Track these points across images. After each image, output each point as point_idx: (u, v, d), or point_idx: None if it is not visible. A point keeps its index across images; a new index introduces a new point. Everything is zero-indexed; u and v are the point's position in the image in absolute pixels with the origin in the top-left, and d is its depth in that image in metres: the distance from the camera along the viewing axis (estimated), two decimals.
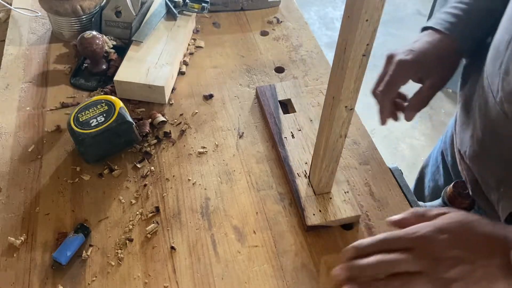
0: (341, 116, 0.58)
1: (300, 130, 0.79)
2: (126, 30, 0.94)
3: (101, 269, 0.64)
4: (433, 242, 0.52)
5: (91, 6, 0.94)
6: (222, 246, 0.66)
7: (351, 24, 0.49)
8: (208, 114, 0.84)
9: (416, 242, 0.53)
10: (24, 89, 0.87)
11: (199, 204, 0.71)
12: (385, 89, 0.73)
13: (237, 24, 1.04)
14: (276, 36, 1.01)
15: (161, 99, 0.85)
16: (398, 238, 0.54)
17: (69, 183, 0.73)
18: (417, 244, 0.53)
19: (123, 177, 0.74)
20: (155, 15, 0.96)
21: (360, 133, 0.82)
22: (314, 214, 0.68)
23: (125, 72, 0.85)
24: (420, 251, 0.52)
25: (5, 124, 0.81)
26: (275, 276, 0.64)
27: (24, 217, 0.69)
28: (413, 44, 0.73)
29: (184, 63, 0.93)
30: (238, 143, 0.80)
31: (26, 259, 0.64)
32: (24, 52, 0.95)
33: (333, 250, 0.66)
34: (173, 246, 0.66)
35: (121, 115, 0.74)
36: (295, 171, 0.73)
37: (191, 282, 0.63)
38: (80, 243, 0.65)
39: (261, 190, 0.73)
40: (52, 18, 0.96)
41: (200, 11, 0.97)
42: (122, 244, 0.66)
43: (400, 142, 2.10)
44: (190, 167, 0.76)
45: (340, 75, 0.54)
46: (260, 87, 0.87)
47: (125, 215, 0.69)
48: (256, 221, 0.69)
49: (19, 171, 0.74)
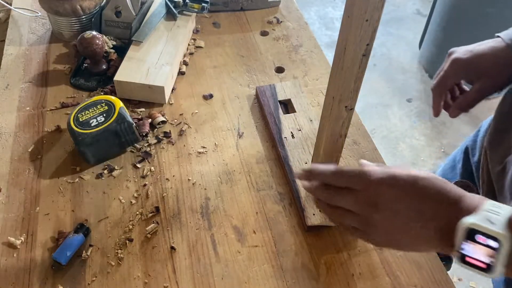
0: (341, 116, 0.58)
1: (300, 130, 0.79)
2: (126, 30, 0.94)
3: (101, 269, 0.64)
4: (381, 189, 0.52)
5: (91, 6, 0.94)
6: (222, 246, 0.67)
7: (351, 24, 0.49)
8: (208, 114, 0.84)
9: (366, 186, 0.53)
10: (24, 89, 0.87)
11: (199, 204, 0.71)
12: (436, 83, 0.76)
13: (237, 24, 1.04)
14: (276, 36, 1.01)
15: (161, 99, 0.85)
16: (349, 175, 0.55)
17: (69, 183, 0.73)
18: (365, 187, 0.53)
19: (123, 177, 0.74)
20: (155, 15, 0.96)
21: (360, 133, 0.82)
22: (314, 214, 0.68)
23: (125, 72, 0.85)
24: (363, 196, 0.53)
25: (5, 124, 0.81)
26: (275, 276, 0.64)
27: (24, 217, 0.69)
28: (475, 46, 0.73)
29: (184, 63, 0.93)
30: (238, 143, 0.80)
31: (26, 259, 0.64)
32: (24, 52, 0.95)
33: (333, 250, 0.66)
34: (173, 246, 0.66)
35: (121, 115, 0.74)
36: (295, 171, 0.73)
37: (191, 282, 0.63)
38: (80, 243, 0.65)
39: (261, 190, 0.73)
40: (52, 18, 0.96)
41: (200, 11, 0.97)
42: (122, 244, 0.66)
43: (400, 142, 2.10)
44: (190, 167, 0.76)
45: (340, 75, 0.54)
46: (260, 87, 0.87)
47: (125, 215, 0.70)
48: (256, 221, 0.69)
49: (19, 171, 0.74)
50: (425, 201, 0.50)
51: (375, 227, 0.52)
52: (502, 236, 0.43)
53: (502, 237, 0.43)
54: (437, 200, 0.50)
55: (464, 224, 0.45)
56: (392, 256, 0.66)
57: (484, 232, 0.44)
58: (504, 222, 0.44)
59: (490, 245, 0.44)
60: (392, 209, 0.51)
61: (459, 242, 0.46)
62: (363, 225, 0.54)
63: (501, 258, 0.44)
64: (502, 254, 0.44)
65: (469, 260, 0.46)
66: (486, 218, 0.45)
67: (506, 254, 0.44)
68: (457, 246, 0.46)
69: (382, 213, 0.51)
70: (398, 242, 0.53)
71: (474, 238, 0.45)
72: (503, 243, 0.43)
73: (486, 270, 0.45)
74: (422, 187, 0.51)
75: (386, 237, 0.53)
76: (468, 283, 1.62)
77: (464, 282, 1.65)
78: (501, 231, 0.43)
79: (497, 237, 0.44)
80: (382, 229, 0.52)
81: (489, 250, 0.44)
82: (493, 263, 0.44)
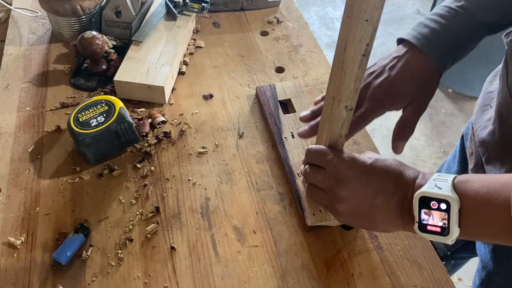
0: (341, 116, 0.58)
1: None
2: (126, 30, 0.94)
3: (101, 269, 0.64)
4: (343, 168, 0.58)
5: (91, 6, 0.94)
6: (222, 246, 0.67)
7: (351, 24, 0.49)
8: (208, 114, 0.84)
9: (328, 164, 0.60)
10: (24, 89, 0.87)
11: (199, 204, 0.71)
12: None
13: (237, 24, 1.04)
14: (276, 36, 1.01)
15: (161, 99, 0.85)
16: (317, 154, 0.62)
17: (69, 183, 0.73)
18: (328, 166, 0.60)
19: (123, 177, 0.74)
20: (155, 15, 0.96)
21: (360, 133, 0.82)
22: (314, 214, 0.68)
23: (125, 72, 0.85)
24: (327, 173, 0.60)
25: (5, 124, 0.81)
26: (275, 276, 0.64)
27: (24, 217, 0.69)
28: (388, 71, 0.67)
29: (184, 63, 0.93)
30: (238, 143, 0.80)
31: (26, 259, 0.64)
32: (24, 52, 0.95)
33: (333, 250, 0.66)
34: (173, 246, 0.66)
35: (121, 115, 0.74)
36: (295, 171, 0.73)
37: (191, 282, 0.63)
38: (80, 243, 0.65)
39: (261, 190, 0.73)
40: (52, 18, 0.95)
41: (200, 11, 0.97)
42: (122, 244, 0.66)
43: None
44: (190, 167, 0.76)
45: (340, 75, 0.54)
46: (260, 87, 0.87)
47: (125, 215, 0.69)
48: (256, 221, 0.69)
49: (19, 171, 0.74)
50: (383, 179, 0.56)
51: (340, 203, 0.58)
52: (449, 198, 0.49)
53: (449, 198, 0.49)
54: (394, 177, 0.56)
55: (417, 194, 0.51)
56: (392, 256, 0.66)
57: (434, 197, 0.50)
58: (450, 186, 0.50)
59: (442, 208, 0.50)
60: (352, 187, 0.57)
61: (417, 211, 0.52)
62: (330, 201, 0.60)
63: (453, 218, 0.49)
64: (452, 214, 0.49)
65: (429, 228, 0.51)
66: (435, 185, 0.51)
67: (456, 213, 0.49)
68: (416, 217, 0.52)
69: (345, 190, 0.57)
70: (363, 219, 0.59)
71: (429, 205, 0.51)
72: (451, 203, 0.49)
73: (443, 233, 0.50)
74: (380, 166, 0.57)
75: (352, 214, 0.58)
76: (468, 283, 1.62)
77: (464, 282, 1.65)
78: (448, 193, 0.49)
79: (446, 199, 0.49)
80: (346, 206, 0.58)
81: (442, 213, 0.50)
82: (446, 225, 0.50)
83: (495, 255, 0.74)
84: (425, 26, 0.68)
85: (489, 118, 0.70)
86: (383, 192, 0.56)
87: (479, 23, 0.67)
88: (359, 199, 0.57)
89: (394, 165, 0.57)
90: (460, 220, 0.49)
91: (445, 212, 0.50)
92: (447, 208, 0.50)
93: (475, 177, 0.51)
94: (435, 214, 0.50)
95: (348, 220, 0.61)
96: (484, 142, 0.69)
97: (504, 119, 0.64)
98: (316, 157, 0.62)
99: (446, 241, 0.51)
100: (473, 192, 0.49)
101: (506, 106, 0.63)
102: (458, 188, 0.50)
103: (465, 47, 0.69)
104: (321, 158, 0.61)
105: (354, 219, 0.60)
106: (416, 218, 0.52)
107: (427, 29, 0.67)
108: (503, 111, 0.64)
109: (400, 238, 0.68)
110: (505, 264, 0.73)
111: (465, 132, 0.90)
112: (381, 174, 0.57)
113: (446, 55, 0.67)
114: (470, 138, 0.78)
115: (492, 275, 0.76)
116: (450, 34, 0.67)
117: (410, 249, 0.67)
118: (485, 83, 0.78)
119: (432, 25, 0.67)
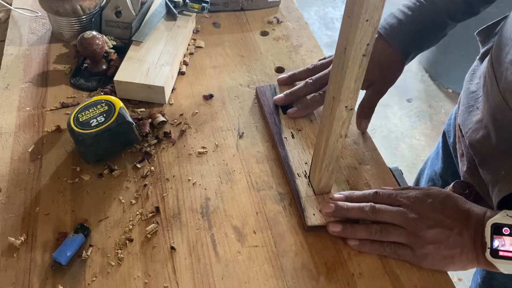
0: (341, 116, 0.58)
1: (300, 130, 0.79)
2: (126, 30, 0.94)
3: (101, 269, 0.64)
4: (420, 203, 0.61)
5: (91, 6, 0.94)
6: (222, 246, 0.66)
7: (351, 24, 0.49)
8: (208, 114, 0.84)
9: (405, 201, 0.62)
10: (24, 89, 0.87)
11: (199, 204, 0.71)
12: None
13: (237, 24, 1.04)
14: (276, 36, 1.01)
15: (161, 99, 0.85)
16: (389, 194, 0.63)
17: (69, 183, 0.73)
18: (405, 202, 0.62)
19: (123, 177, 0.74)
20: (155, 15, 0.96)
21: (360, 133, 0.82)
22: (314, 214, 0.68)
23: (125, 72, 0.85)
24: (406, 207, 0.61)
25: (5, 124, 0.81)
26: (275, 276, 0.64)
27: (24, 217, 0.69)
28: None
29: (184, 63, 0.93)
30: (238, 143, 0.80)
31: (26, 259, 0.64)
32: (24, 52, 0.95)
33: (333, 250, 0.66)
34: (173, 246, 0.66)
35: (121, 115, 0.74)
36: (295, 171, 0.73)
37: (191, 282, 0.63)
38: (80, 243, 0.65)
39: (261, 190, 0.73)
40: (52, 18, 0.95)
41: (200, 11, 0.97)
42: (122, 244, 0.66)
43: (400, 142, 2.10)
44: (190, 167, 0.76)
45: (340, 75, 0.54)
46: (260, 87, 0.87)
47: (125, 215, 0.70)
48: (256, 221, 0.69)
49: (19, 171, 0.74)
50: (458, 211, 0.60)
51: (421, 238, 0.59)
52: None
53: None
54: (466, 211, 0.60)
55: (490, 222, 0.55)
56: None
57: (507, 223, 0.54)
58: None
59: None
60: (433, 218, 0.59)
61: (489, 238, 0.55)
62: (410, 236, 0.60)
63: None
64: None
65: (501, 254, 0.54)
66: (506, 214, 0.55)
67: None
68: (488, 243, 0.55)
69: (426, 222, 0.59)
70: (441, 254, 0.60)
71: (501, 232, 0.54)
72: None
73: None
74: (453, 199, 0.61)
75: (433, 248, 0.60)
76: (469, 283, 1.62)
77: (464, 282, 1.65)
78: None
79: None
80: (426, 239, 0.59)
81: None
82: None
83: None
84: (394, 17, 0.75)
85: (478, 120, 0.70)
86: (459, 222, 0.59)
87: (442, 13, 0.73)
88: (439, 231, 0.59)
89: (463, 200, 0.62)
90: None
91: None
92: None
93: None
94: (507, 240, 0.54)
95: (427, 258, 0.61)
96: (476, 145, 0.69)
97: (500, 123, 0.64)
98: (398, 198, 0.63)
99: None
100: None
101: (500, 109, 0.63)
102: None
103: (430, 37, 0.75)
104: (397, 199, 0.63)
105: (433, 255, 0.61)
106: (488, 244, 0.55)
107: (394, 20, 0.75)
108: (498, 114, 0.64)
109: None
110: None
111: (446, 129, 0.91)
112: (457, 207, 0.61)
113: (409, 45, 0.74)
114: (458, 139, 0.78)
115: (493, 273, 0.76)
116: (414, 25, 0.74)
117: None
118: (464, 81, 0.80)
119: (399, 16, 0.75)
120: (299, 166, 0.74)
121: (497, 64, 0.65)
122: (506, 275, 0.74)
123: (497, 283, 0.78)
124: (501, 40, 0.65)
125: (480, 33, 0.78)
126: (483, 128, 0.68)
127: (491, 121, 0.66)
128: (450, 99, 2.30)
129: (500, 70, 0.64)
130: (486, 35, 0.78)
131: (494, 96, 0.65)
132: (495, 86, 0.64)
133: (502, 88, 0.63)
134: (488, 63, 0.68)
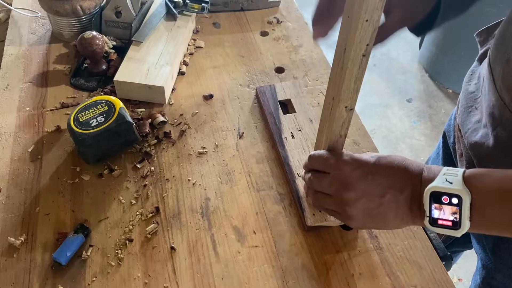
0: (341, 116, 0.58)
1: (300, 130, 0.79)
2: (126, 30, 0.94)
3: (101, 269, 0.64)
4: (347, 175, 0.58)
5: (91, 6, 0.94)
6: (222, 246, 0.67)
7: (351, 24, 0.49)
8: (208, 114, 0.84)
9: (332, 169, 0.60)
10: (24, 89, 0.87)
11: (199, 204, 0.71)
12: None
13: (237, 24, 1.04)
14: (276, 36, 1.01)
15: (161, 99, 0.85)
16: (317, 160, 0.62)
17: (69, 183, 0.73)
18: (333, 170, 0.60)
19: (123, 177, 0.74)
20: (155, 15, 0.96)
21: (360, 133, 0.82)
22: (314, 214, 0.68)
23: (125, 72, 0.85)
24: (333, 178, 0.60)
25: (5, 124, 0.81)
26: (275, 276, 0.64)
27: (24, 217, 0.69)
28: None
29: (184, 63, 0.94)
30: (238, 143, 0.80)
31: (26, 259, 0.64)
32: (24, 52, 0.95)
33: (333, 250, 0.66)
34: (173, 246, 0.66)
35: (121, 115, 0.74)
36: (295, 171, 0.73)
37: (191, 283, 0.63)
38: (80, 243, 0.65)
39: (261, 190, 0.73)
40: (52, 18, 0.96)
41: (200, 11, 0.97)
42: (122, 244, 0.66)
43: (400, 142, 2.10)
44: (190, 167, 0.76)
45: (340, 75, 0.54)
46: (260, 87, 0.87)
47: (125, 215, 0.70)
48: (256, 221, 0.69)
49: (19, 171, 0.74)
50: (389, 176, 0.57)
51: (350, 206, 0.58)
52: (461, 192, 0.50)
53: (461, 193, 0.50)
54: (401, 173, 0.56)
55: (428, 189, 0.52)
56: (392, 256, 0.66)
57: (445, 192, 0.51)
58: (461, 180, 0.51)
59: (453, 203, 0.51)
60: (360, 188, 0.57)
61: (427, 206, 0.52)
62: (339, 205, 0.59)
63: (465, 213, 0.50)
64: (464, 208, 0.50)
65: (440, 223, 0.52)
66: (446, 180, 0.52)
67: (467, 208, 0.50)
68: (427, 211, 0.52)
69: (354, 193, 0.57)
70: (375, 220, 0.58)
71: (440, 200, 0.51)
72: (463, 198, 0.50)
73: (455, 227, 0.51)
74: (384, 164, 0.57)
75: (364, 215, 0.58)
76: (468, 283, 1.62)
77: (464, 282, 1.65)
78: (459, 188, 0.50)
79: (457, 194, 0.50)
80: (356, 208, 0.58)
81: (453, 207, 0.51)
82: (458, 219, 0.51)
83: (495, 252, 0.74)
84: None
85: (477, 120, 0.70)
86: (391, 189, 0.56)
87: None
88: (369, 199, 0.57)
89: (397, 161, 0.57)
90: (471, 214, 0.50)
91: (456, 207, 0.51)
92: (458, 203, 0.50)
93: (485, 172, 0.52)
94: (446, 209, 0.51)
95: (360, 222, 0.60)
96: (475, 146, 0.69)
97: (498, 120, 0.64)
98: (319, 163, 0.62)
99: (456, 235, 0.52)
100: (485, 187, 0.50)
101: (498, 107, 0.64)
102: (468, 183, 0.51)
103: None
104: (324, 164, 0.61)
105: (366, 220, 0.59)
106: (427, 213, 0.53)
107: None
108: (496, 112, 0.64)
109: (400, 238, 0.68)
110: (506, 260, 0.73)
111: (446, 130, 0.91)
112: (387, 171, 0.57)
113: None
114: (457, 139, 0.78)
115: (493, 273, 0.76)
116: None
117: (410, 249, 0.67)
118: (463, 82, 0.79)
119: None
120: (299, 166, 0.74)
121: (494, 62, 0.65)
122: (506, 275, 0.74)
123: (496, 283, 0.78)
124: (498, 39, 0.65)
125: (479, 34, 0.78)
126: (482, 129, 0.68)
127: (489, 120, 0.66)
128: (450, 99, 2.30)
129: (496, 68, 0.64)
130: (485, 36, 0.77)
131: (491, 95, 0.65)
132: (492, 85, 0.65)
133: (498, 86, 0.63)
134: (486, 63, 0.68)
